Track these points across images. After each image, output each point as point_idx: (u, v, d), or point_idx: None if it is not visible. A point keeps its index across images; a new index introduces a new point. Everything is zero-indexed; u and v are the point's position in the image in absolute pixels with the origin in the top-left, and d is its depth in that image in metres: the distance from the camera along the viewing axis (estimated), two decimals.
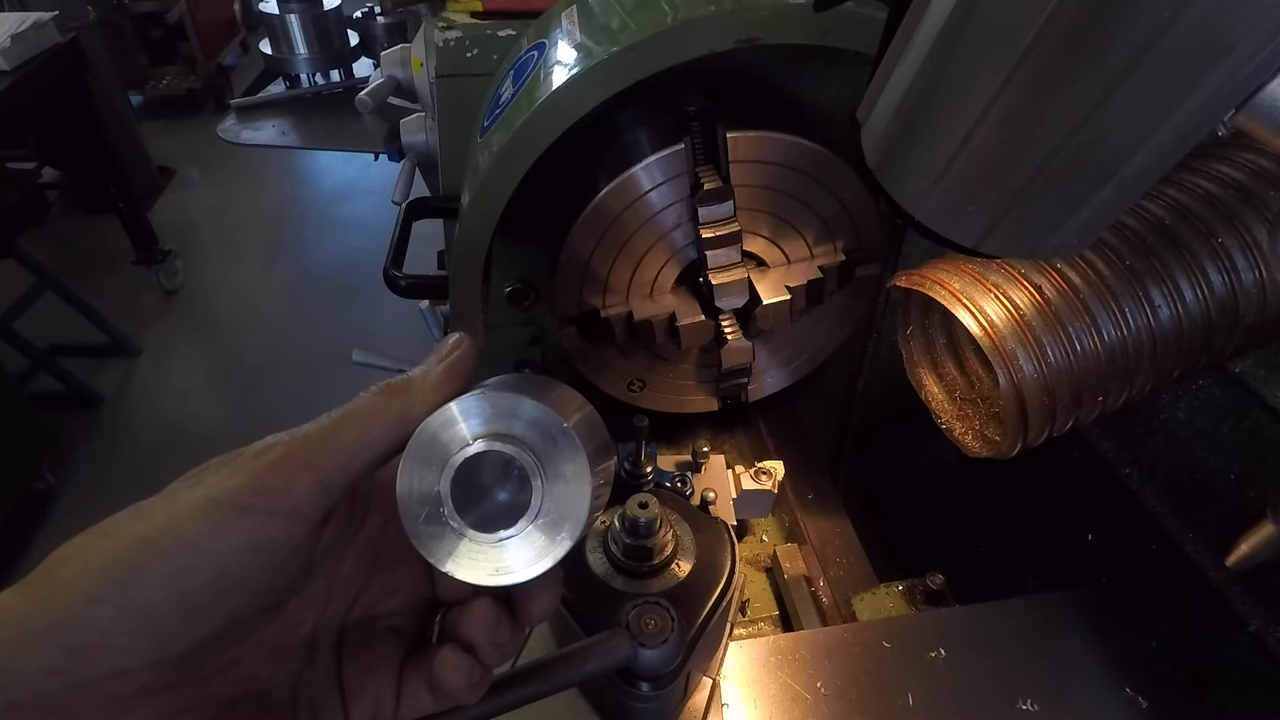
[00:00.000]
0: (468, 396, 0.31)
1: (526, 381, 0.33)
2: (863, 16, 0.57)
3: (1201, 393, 0.61)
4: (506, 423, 0.31)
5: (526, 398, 0.31)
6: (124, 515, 0.28)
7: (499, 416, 0.31)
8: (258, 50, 2.73)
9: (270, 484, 0.29)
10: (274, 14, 2.48)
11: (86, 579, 0.26)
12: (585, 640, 0.43)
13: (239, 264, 3.30)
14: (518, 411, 0.31)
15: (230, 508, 0.28)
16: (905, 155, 0.36)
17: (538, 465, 0.31)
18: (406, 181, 1.52)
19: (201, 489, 0.29)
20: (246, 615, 0.30)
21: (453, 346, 0.34)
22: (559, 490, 0.31)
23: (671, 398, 0.79)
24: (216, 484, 0.29)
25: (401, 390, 0.32)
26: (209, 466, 0.30)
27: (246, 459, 0.30)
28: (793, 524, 0.83)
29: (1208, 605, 0.61)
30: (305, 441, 0.30)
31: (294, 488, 0.29)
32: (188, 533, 0.28)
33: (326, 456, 0.30)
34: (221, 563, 0.28)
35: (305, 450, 0.30)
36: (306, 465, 0.30)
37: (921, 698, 0.58)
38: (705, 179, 0.61)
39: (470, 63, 0.72)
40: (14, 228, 2.39)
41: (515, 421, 0.31)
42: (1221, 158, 0.50)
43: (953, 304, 0.50)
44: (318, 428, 0.31)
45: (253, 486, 0.29)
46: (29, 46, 2.16)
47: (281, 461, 0.29)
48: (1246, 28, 0.25)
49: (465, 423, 0.31)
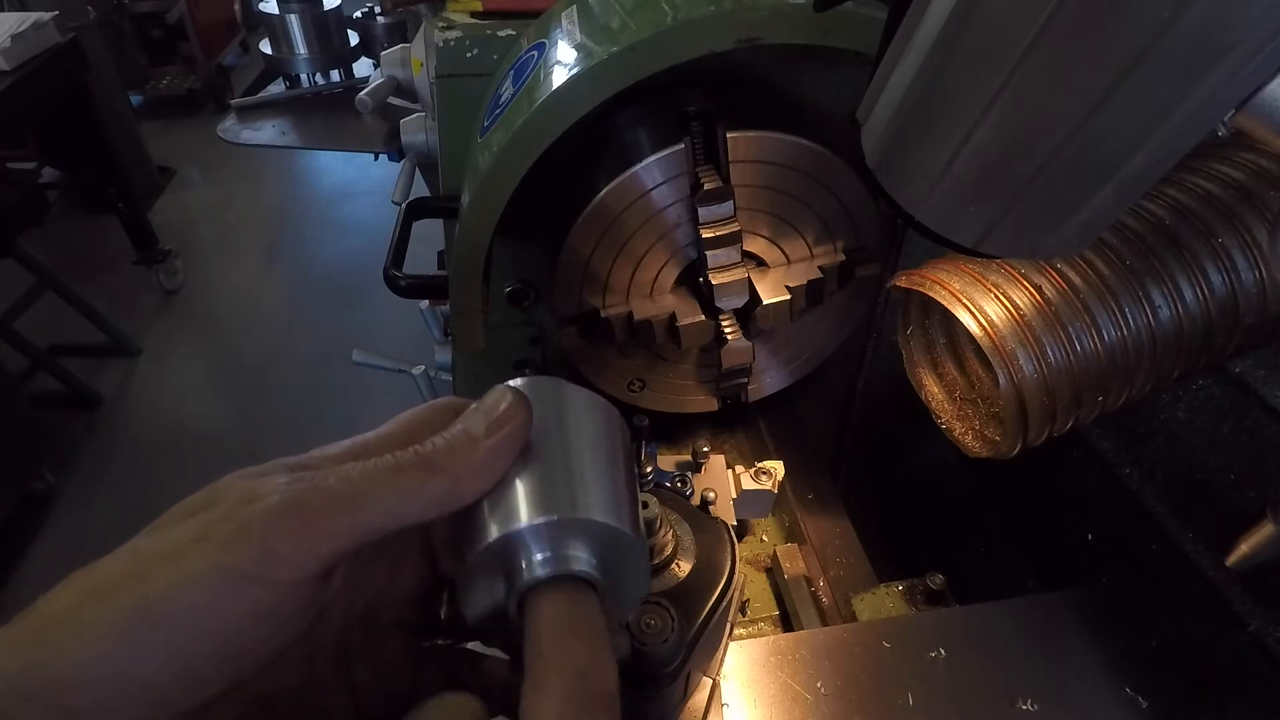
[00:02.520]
0: (530, 526, 0.29)
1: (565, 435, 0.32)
2: (863, 16, 0.57)
3: (1201, 393, 0.61)
4: (570, 544, 0.30)
5: (590, 514, 0.29)
6: (119, 569, 0.26)
7: (566, 541, 0.30)
8: (258, 50, 2.73)
9: (284, 554, 0.26)
10: (274, 14, 2.48)
11: (81, 646, 0.24)
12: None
13: (239, 264, 3.30)
14: (587, 533, 0.30)
15: (239, 577, 0.26)
16: (905, 155, 0.36)
17: (599, 572, 0.30)
18: (406, 181, 1.52)
19: (209, 550, 0.26)
20: (251, 671, 0.28)
21: (505, 415, 0.29)
22: (623, 579, 0.32)
23: (671, 398, 0.79)
24: (224, 546, 0.26)
25: (445, 466, 0.28)
26: (216, 504, 0.27)
27: (259, 516, 0.26)
28: (793, 524, 0.83)
29: (1208, 605, 0.61)
30: (329, 504, 0.27)
31: (308, 559, 0.26)
32: (192, 603, 0.25)
33: (348, 526, 0.27)
34: (227, 634, 0.26)
35: (327, 516, 0.27)
36: (325, 535, 0.27)
37: (921, 698, 0.58)
38: (705, 179, 0.61)
39: (470, 63, 0.72)
40: (14, 228, 2.38)
41: (582, 543, 0.30)
42: (1221, 158, 0.50)
43: (953, 304, 0.50)
44: (346, 487, 0.27)
45: (265, 555, 0.26)
46: (29, 46, 2.16)
47: (299, 527, 0.26)
48: (1246, 28, 0.25)
49: (533, 547, 0.29)
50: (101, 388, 2.59)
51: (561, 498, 0.30)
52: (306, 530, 0.26)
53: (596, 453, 0.32)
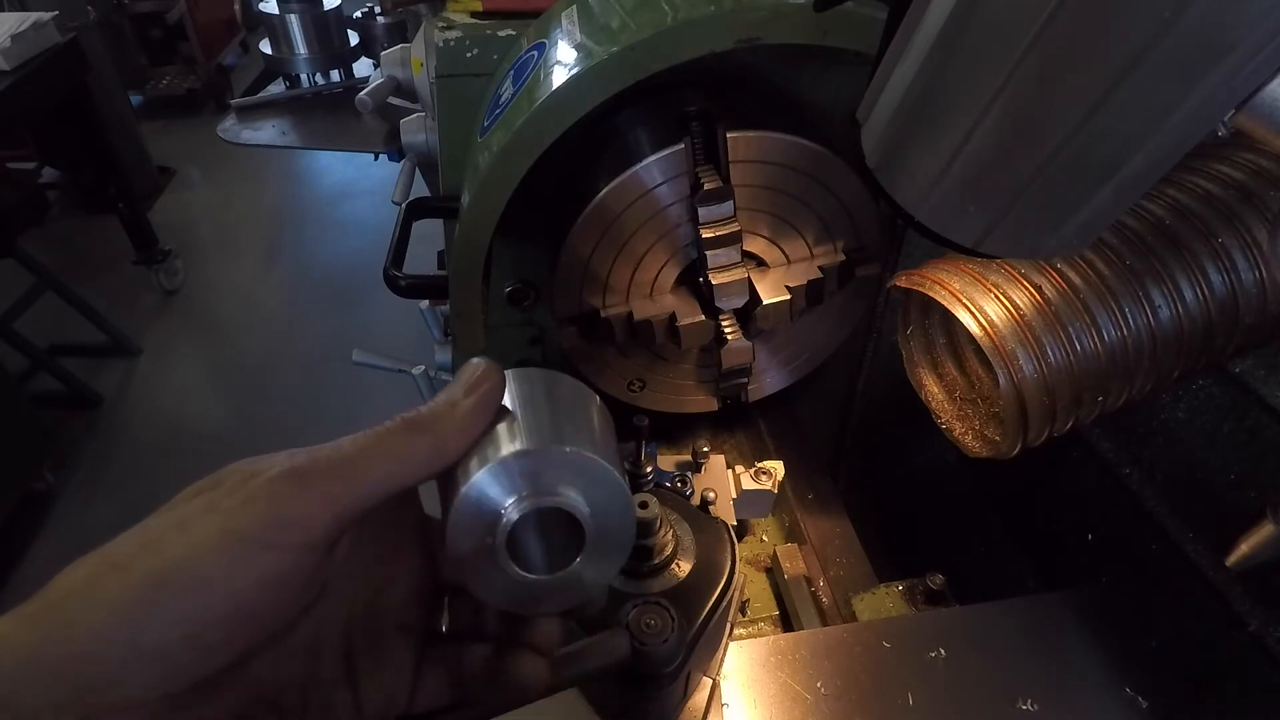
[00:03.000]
0: (504, 460, 0.30)
1: (545, 397, 0.34)
2: (863, 16, 0.57)
3: (1201, 393, 0.61)
4: (551, 476, 0.31)
5: (563, 445, 0.31)
6: (133, 544, 0.27)
7: (542, 473, 0.31)
8: (258, 50, 2.73)
9: (289, 517, 0.28)
10: (274, 14, 2.48)
11: (97, 616, 0.25)
12: (585, 640, 0.43)
13: (239, 264, 3.30)
14: (561, 463, 0.31)
15: (247, 542, 0.27)
16: (905, 155, 0.36)
17: (584, 507, 0.32)
18: (406, 181, 1.52)
19: (217, 519, 0.27)
20: (260, 642, 0.29)
21: (480, 378, 0.32)
22: (605, 517, 0.33)
23: (671, 398, 0.79)
24: (232, 513, 0.27)
25: (430, 428, 0.31)
26: (222, 483, 0.29)
27: (263, 485, 0.28)
28: (793, 524, 0.83)
29: (1208, 605, 0.61)
30: (328, 470, 0.29)
31: (312, 522, 0.28)
32: (203, 570, 0.26)
33: (347, 491, 0.29)
34: (237, 600, 0.27)
35: (326, 480, 0.28)
36: (326, 498, 0.28)
37: (921, 698, 0.58)
38: (705, 179, 0.61)
39: (470, 63, 0.72)
40: (14, 228, 2.38)
41: (558, 473, 0.31)
42: (1221, 158, 0.50)
43: (953, 304, 0.50)
44: (341, 455, 0.29)
45: (271, 520, 0.27)
46: (29, 46, 2.16)
47: (300, 491, 0.28)
48: (1246, 28, 0.25)
49: (511, 482, 0.31)
50: (101, 388, 2.59)
51: (545, 432, 0.32)
52: (308, 494, 0.28)
53: (577, 410, 0.34)
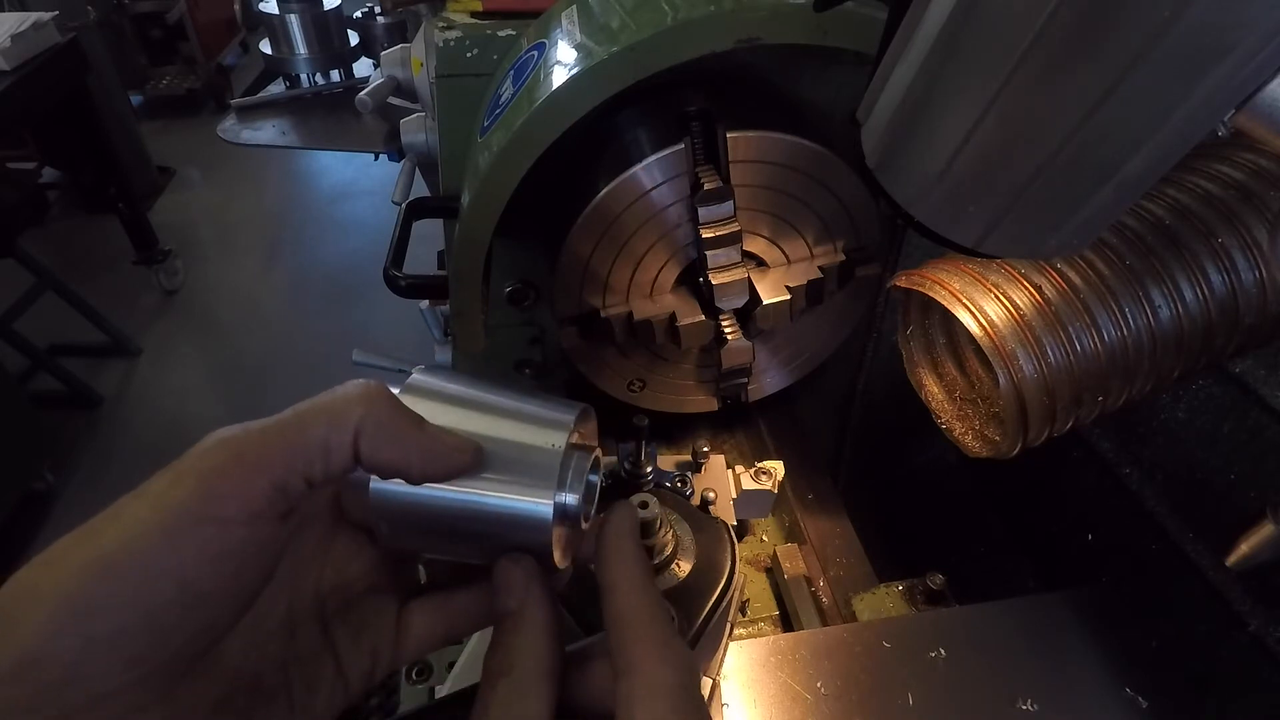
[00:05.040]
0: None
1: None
2: (863, 16, 0.57)
3: (1201, 393, 0.61)
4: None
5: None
6: (69, 540, 0.27)
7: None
8: (258, 50, 2.73)
9: (222, 491, 0.27)
10: (274, 14, 2.48)
11: (40, 613, 0.25)
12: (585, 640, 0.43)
13: (239, 264, 3.30)
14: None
15: (180, 519, 0.26)
16: (905, 155, 0.36)
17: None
18: (406, 181, 1.52)
19: (147, 502, 0.27)
20: (221, 619, 0.28)
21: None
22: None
23: (671, 398, 0.79)
24: (161, 494, 0.27)
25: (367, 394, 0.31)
26: (155, 476, 0.28)
27: (192, 462, 0.27)
28: (793, 524, 0.83)
29: (1208, 605, 0.61)
30: (261, 440, 0.28)
31: (249, 492, 0.27)
32: (140, 552, 0.26)
33: (283, 459, 0.28)
34: (183, 578, 0.26)
35: (259, 450, 0.28)
36: (260, 467, 0.27)
37: (921, 698, 0.58)
38: (705, 179, 0.61)
39: (470, 63, 0.72)
40: (14, 228, 2.39)
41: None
42: (1221, 158, 0.50)
43: (953, 304, 0.50)
44: (276, 423, 0.29)
45: (203, 494, 0.27)
46: (29, 46, 2.16)
47: (232, 464, 0.27)
48: (1246, 28, 0.25)
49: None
50: (101, 388, 2.59)
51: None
52: (242, 465, 0.27)
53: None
